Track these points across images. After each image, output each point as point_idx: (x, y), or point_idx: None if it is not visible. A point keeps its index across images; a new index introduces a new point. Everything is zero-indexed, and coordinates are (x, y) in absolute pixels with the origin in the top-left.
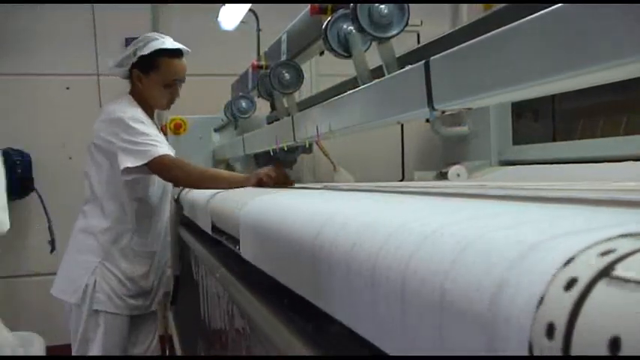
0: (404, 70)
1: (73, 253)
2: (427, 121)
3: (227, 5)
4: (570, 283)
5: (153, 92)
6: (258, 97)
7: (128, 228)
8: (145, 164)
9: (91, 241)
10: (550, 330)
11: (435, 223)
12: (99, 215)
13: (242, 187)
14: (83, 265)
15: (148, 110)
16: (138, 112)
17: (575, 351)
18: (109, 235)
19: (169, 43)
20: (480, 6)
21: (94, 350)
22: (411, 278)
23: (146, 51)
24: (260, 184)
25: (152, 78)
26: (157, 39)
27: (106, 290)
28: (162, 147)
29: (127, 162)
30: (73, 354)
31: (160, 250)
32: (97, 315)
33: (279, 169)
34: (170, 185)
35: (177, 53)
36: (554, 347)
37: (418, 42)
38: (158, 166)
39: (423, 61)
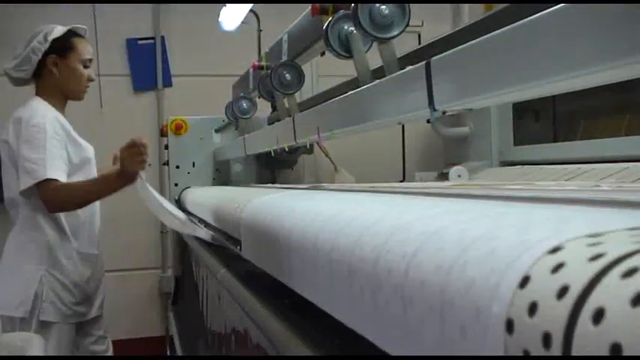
0: (405, 70)
1: (13, 265)
2: (428, 121)
3: (228, 6)
4: (563, 291)
5: (73, 74)
6: (259, 97)
7: (65, 233)
8: (35, 186)
9: (33, 249)
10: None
11: (436, 224)
12: (33, 225)
13: (123, 183)
14: (28, 275)
15: (61, 105)
16: (49, 112)
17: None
18: (50, 241)
19: (67, 27)
20: (481, 6)
21: None
22: (413, 279)
23: (58, 33)
24: (131, 172)
25: (70, 59)
26: (55, 26)
27: (53, 299)
28: (55, 169)
29: (21, 183)
30: None
31: (99, 253)
32: (46, 326)
33: (130, 147)
34: None
35: (82, 33)
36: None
37: (419, 42)
38: (44, 192)
39: (424, 62)
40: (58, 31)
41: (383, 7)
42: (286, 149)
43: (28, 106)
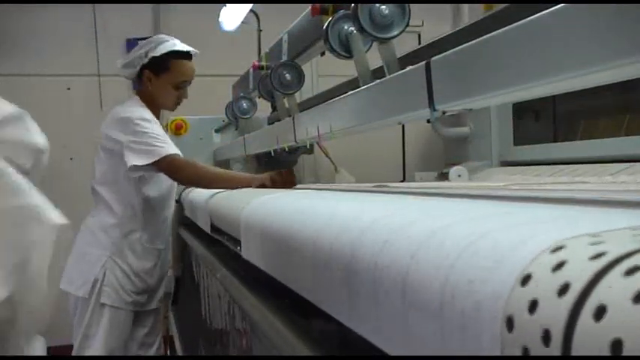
0: (405, 70)
1: (82, 247)
2: (428, 121)
3: (228, 6)
4: (564, 289)
5: (162, 93)
6: (259, 97)
7: (137, 225)
8: (152, 164)
9: (102, 236)
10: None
11: (436, 224)
12: (108, 213)
13: (247, 187)
14: (93, 258)
15: (155, 111)
16: (146, 113)
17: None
18: (119, 230)
19: (180, 45)
20: (481, 6)
21: (97, 343)
22: (412, 279)
23: (158, 52)
24: (263, 187)
25: (163, 79)
26: (167, 40)
27: (114, 284)
28: (171, 147)
29: (134, 160)
30: (75, 347)
31: (165, 248)
32: (103, 308)
33: (287, 174)
34: (175, 184)
35: (187, 55)
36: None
37: (419, 42)
38: (168, 166)
39: (424, 62)
40: (160, 49)
41: (383, 7)
42: (286, 149)
43: (130, 105)
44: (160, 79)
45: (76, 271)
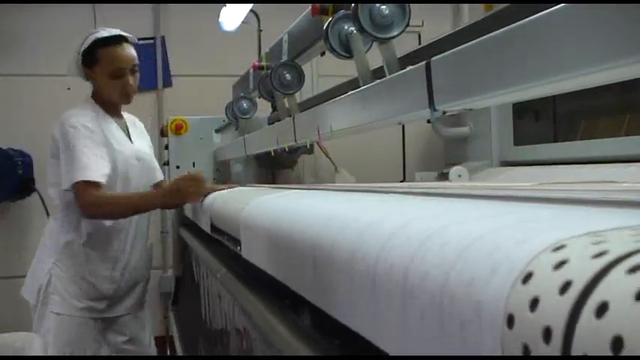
0: (405, 70)
1: (37, 254)
2: (428, 121)
3: (228, 6)
4: (566, 287)
5: (102, 86)
6: (259, 97)
7: (80, 231)
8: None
9: (48, 242)
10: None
11: (436, 224)
12: (55, 219)
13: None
14: (40, 265)
15: (110, 108)
16: (86, 118)
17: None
18: (62, 236)
19: (106, 32)
20: (481, 6)
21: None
22: (413, 278)
23: (85, 45)
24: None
25: (96, 71)
26: (95, 32)
27: (60, 291)
28: (92, 170)
29: (63, 183)
30: None
31: (127, 257)
32: (49, 316)
33: (190, 177)
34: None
35: (117, 41)
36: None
37: (419, 42)
38: (77, 193)
39: (424, 62)
40: (87, 42)
41: (383, 7)
42: (286, 149)
43: (74, 108)
44: (95, 72)
45: (29, 278)
